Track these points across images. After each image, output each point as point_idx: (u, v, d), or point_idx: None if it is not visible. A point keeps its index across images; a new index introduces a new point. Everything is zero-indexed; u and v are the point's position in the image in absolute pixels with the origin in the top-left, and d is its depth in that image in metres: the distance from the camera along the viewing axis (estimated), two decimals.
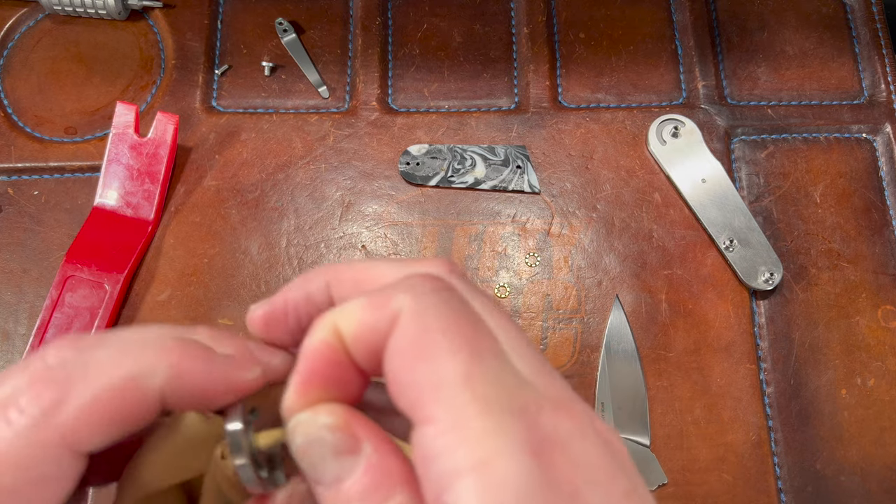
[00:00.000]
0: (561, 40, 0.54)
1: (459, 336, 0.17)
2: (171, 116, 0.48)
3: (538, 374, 0.18)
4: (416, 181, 0.50)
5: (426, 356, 0.17)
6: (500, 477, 0.15)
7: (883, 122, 0.51)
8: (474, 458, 0.16)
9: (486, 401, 0.16)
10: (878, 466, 0.44)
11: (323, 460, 0.18)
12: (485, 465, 0.15)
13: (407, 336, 0.17)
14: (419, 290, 0.18)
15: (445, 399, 0.16)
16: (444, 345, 0.17)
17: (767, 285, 0.46)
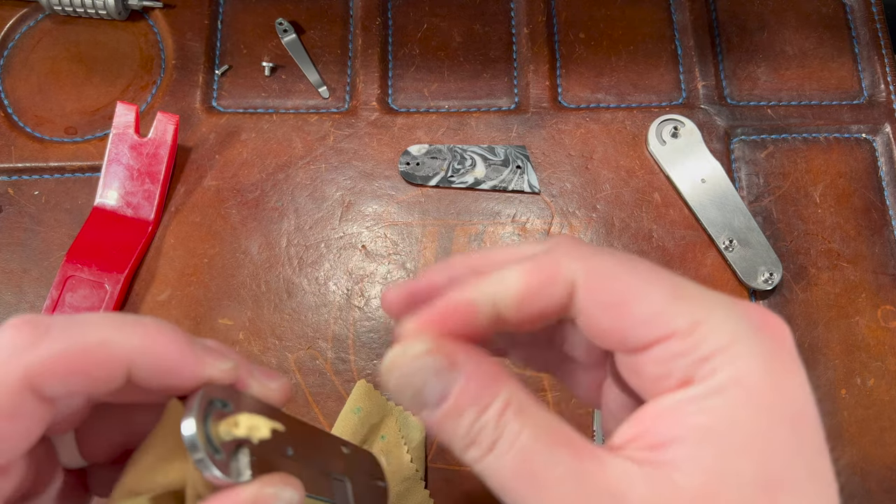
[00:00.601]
0: (561, 40, 0.54)
1: (644, 273, 0.20)
2: (171, 116, 0.49)
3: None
4: (416, 181, 0.50)
5: (633, 297, 0.19)
6: (750, 351, 0.18)
7: (882, 122, 0.51)
8: (727, 337, 0.18)
9: (708, 299, 0.19)
10: (877, 466, 0.44)
11: (426, 384, 0.19)
12: (735, 339, 0.19)
13: (605, 291, 0.20)
14: (579, 252, 0.20)
15: (675, 314, 0.19)
16: (643, 283, 0.19)
17: (767, 285, 0.46)
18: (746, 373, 0.18)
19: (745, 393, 0.18)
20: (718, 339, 0.19)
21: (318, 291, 0.48)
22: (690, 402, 0.18)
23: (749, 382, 0.18)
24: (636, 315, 0.19)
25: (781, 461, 0.18)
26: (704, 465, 0.18)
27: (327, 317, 0.47)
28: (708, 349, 0.18)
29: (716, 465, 0.18)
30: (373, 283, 0.48)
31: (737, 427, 0.18)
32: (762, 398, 0.18)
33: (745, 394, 0.18)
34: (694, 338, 0.19)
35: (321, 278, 0.48)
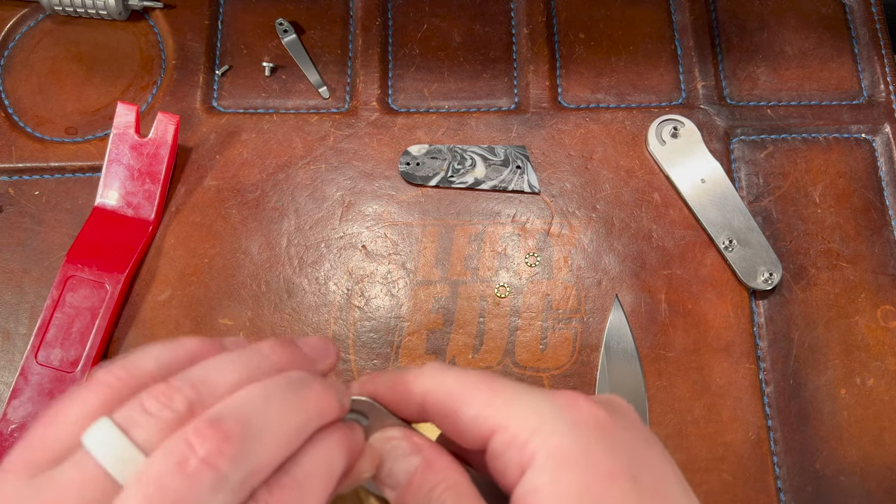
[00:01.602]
0: (561, 40, 0.54)
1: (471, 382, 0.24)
2: (171, 117, 0.49)
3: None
4: (416, 181, 0.50)
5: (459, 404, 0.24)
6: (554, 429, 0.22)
7: (882, 122, 0.51)
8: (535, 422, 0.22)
9: (516, 395, 0.23)
10: (877, 466, 0.44)
11: (396, 460, 0.24)
12: (542, 421, 0.22)
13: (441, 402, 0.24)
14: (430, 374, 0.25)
15: (493, 412, 0.23)
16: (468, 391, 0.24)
17: (767, 285, 0.46)
18: (557, 446, 0.22)
19: (561, 464, 0.22)
20: (530, 424, 0.22)
21: (318, 291, 0.48)
22: (527, 486, 0.22)
23: (561, 453, 0.22)
24: (464, 418, 0.23)
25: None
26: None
27: (327, 317, 0.47)
28: (524, 435, 0.22)
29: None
30: (373, 283, 0.48)
31: (567, 493, 0.21)
32: (578, 463, 0.22)
33: (561, 464, 0.22)
34: (511, 429, 0.23)
35: (321, 278, 0.48)
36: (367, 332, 0.46)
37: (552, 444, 0.22)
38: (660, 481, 0.23)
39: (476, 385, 0.24)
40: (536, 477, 0.22)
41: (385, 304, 0.47)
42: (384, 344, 0.46)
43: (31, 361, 0.44)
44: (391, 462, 0.24)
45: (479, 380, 0.24)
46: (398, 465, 0.24)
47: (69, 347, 0.45)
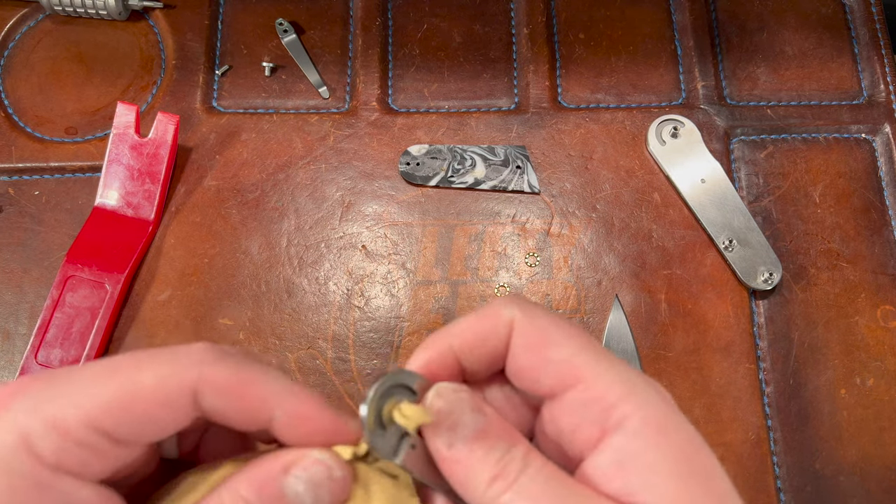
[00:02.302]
0: (561, 41, 0.54)
1: (565, 327, 0.23)
2: (171, 117, 0.49)
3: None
4: (416, 181, 0.50)
5: (550, 342, 0.22)
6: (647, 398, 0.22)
7: (882, 122, 0.52)
8: (625, 387, 0.22)
9: (607, 356, 0.23)
10: (877, 466, 0.44)
11: (463, 414, 0.22)
12: (633, 389, 0.22)
13: (531, 333, 0.23)
14: (523, 303, 0.23)
15: (582, 364, 0.22)
16: (562, 334, 0.23)
17: (767, 285, 0.46)
18: (652, 415, 0.21)
19: (659, 432, 0.21)
20: (620, 388, 0.22)
21: (318, 291, 0.48)
22: (620, 452, 0.21)
23: (658, 422, 0.21)
24: (550, 357, 0.22)
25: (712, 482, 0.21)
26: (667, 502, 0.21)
27: (327, 317, 0.47)
28: (612, 397, 0.22)
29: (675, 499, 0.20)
30: (373, 283, 0.48)
31: (670, 461, 0.21)
32: (673, 434, 0.21)
33: (660, 433, 0.21)
34: (598, 387, 0.22)
35: (321, 278, 0.48)
36: (366, 332, 0.47)
37: (648, 412, 0.21)
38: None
39: (570, 331, 0.23)
40: (630, 442, 0.21)
41: (385, 304, 0.47)
42: (384, 344, 0.46)
43: (31, 361, 0.44)
44: (457, 414, 0.22)
45: (572, 326, 0.23)
46: (465, 418, 0.22)
47: (69, 347, 0.45)
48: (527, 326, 0.23)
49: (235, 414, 0.22)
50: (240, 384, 0.22)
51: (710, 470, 0.21)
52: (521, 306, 0.23)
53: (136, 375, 0.21)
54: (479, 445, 0.22)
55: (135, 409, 0.20)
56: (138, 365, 0.21)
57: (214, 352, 0.22)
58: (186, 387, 0.21)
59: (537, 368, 0.23)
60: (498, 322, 0.23)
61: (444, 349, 0.23)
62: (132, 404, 0.20)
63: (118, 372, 0.21)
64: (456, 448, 0.22)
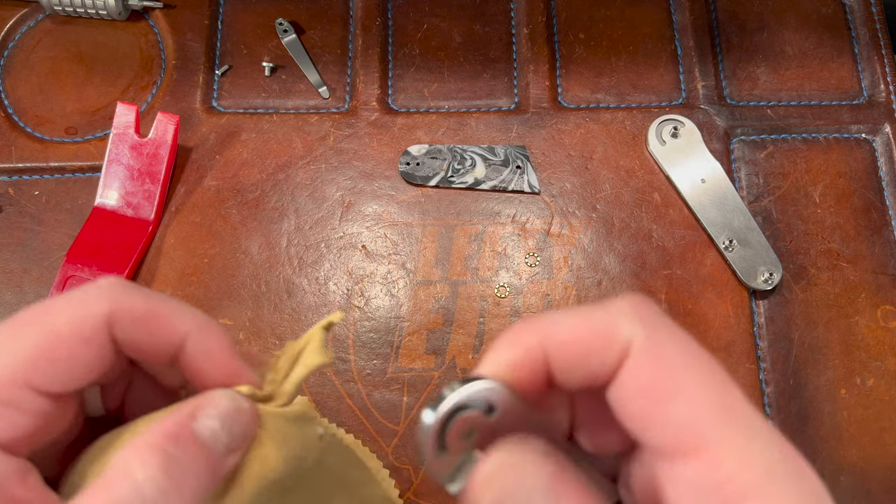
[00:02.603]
0: (561, 40, 0.54)
1: (698, 367, 0.18)
2: (171, 116, 0.49)
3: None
4: (416, 181, 0.50)
5: (676, 390, 0.17)
6: (785, 492, 0.17)
7: (882, 122, 0.51)
8: (761, 471, 0.17)
9: (746, 420, 0.17)
10: (877, 466, 0.44)
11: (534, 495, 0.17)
12: (770, 480, 0.17)
13: (653, 373, 0.17)
14: (649, 320, 0.18)
15: (711, 428, 0.17)
16: (692, 378, 0.17)
17: (767, 285, 0.46)
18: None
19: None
20: (752, 478, 0.17)
21: (318, 291, 0.48)
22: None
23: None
24: (669, 414, 0.17)
25: None
26: None
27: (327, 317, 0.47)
28: (741, 485, 0.17)
29: None
30: (373, 283, 0.48)
31: None
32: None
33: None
34: (725, 469, 0.17)
35: (321, 278, 0.48)
36: (366, 332, 0.46)
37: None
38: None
39: (702, 374, 0.17)
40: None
41: (385, 304, 0.47)
42: (384, 344, 0.46)
43: None
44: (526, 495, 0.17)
45: (708, 365, 0.18)
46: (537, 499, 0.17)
47: None
48: (649, 361, 0.18)
49: (149, 345, 0.22)
50: (152, 312, 0.22)
51: None
52: (647, 324, 0.18)
53: (51, 320, 0.21)
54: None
55: (57, 354, 0.20)
56: (49, 310, 0.21)
57: (124, 284, 0.22)
58: (100, 319, 0.21)
59: (649, 419, 0.18)
60: (612, 342, 0.18)
61: (534, 350, 0.19)
62: (53, 350, 0.20)
63: (32, 323, 0.21)
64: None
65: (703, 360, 0.18)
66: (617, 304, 0.19)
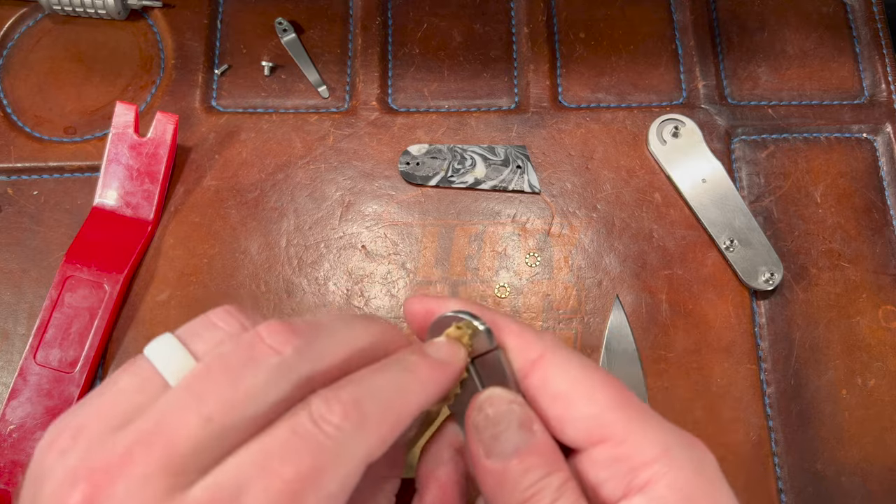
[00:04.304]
0: (561, 40, 0.54)
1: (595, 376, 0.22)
2: (170, 116, 0.48)
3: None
4: (416, 181, 0.50)
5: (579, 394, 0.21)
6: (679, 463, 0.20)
7: (883, 122, 0.51)
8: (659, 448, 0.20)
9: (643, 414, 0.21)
10: (878, 467, 0.44)
11: (508, 429, 0.21)
12: (666, 451, 0.20)
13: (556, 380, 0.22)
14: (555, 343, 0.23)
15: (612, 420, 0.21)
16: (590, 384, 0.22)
17: (768, 285, 0.46)
18: (683, 483, 0.20)
19: (682, 498, 0.20)
20: (652, 450, 0.21)
21: (317, 291, 0.47)
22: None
23: (687, 491, 0.20)
24: (577, 412, 0.21)
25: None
26: None
27: None
28: (642, 458, 0.20)
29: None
30: (372, 283, 0.48)
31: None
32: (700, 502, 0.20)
33: (683, 499, 0.20)
34: (628, 445, 0.21)
35: (321, 278, 0.48)
36: None
37: (678, 479, 0.20)
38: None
39: (604, 383, 0.22)
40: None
41: (385, 305, 0.47)
42: None
43: (30, 362, 0.44)
44: (503, 426, 0.21)
45: (606, 378, 0.22)
46: (510, 433, 0.21)
47: (68, 348, 0.44)
48: (552, 373, 0.22)
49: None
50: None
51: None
52: (555, 346, 0.23)
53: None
54: (518, 464, 0.21)
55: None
56: None
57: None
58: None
59: (562, 420, 0.22)
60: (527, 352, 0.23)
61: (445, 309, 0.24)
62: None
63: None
64: (493, 459, 0.21)
65: (596, 371, 0.22)
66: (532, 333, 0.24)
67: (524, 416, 0.22)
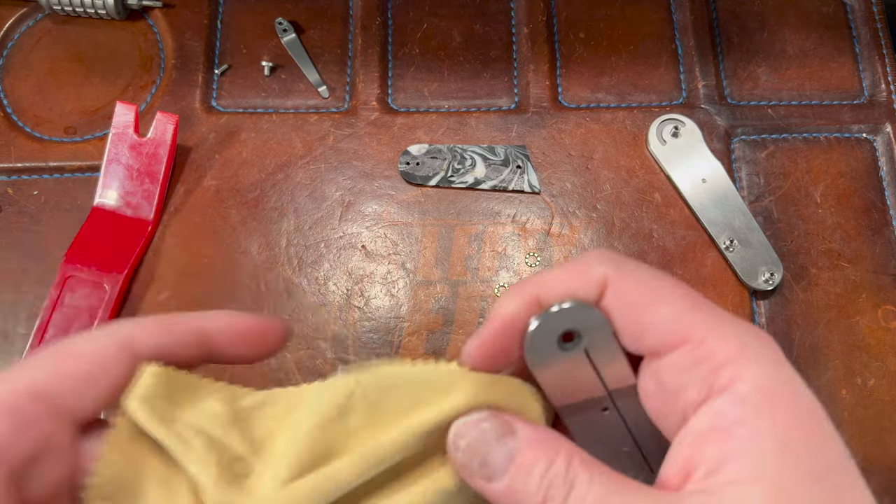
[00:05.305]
0: (561, 40, 0.54)
1: (669, 283, 0.21)
2: (170, 116, 0.48)
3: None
4: (416, 181, 0.50)
5: (654, 300, 0.21)
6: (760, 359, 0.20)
7: (883, 121, 0.51)
8: (737, 346, 0.20)
9: (717, 313, 0.21)
10: (878, 467, 0.44)
11: (490, 447, 0.21)
12: (744, 348, 0.20)
13: (632, 291, 0.21)
14: (615, 259, 0.22)
15: (690, 322, 0.20)
16: (664, 289, 0.21)
17: (767, 285, 0.46)
18: (764, 379, 0.20)
19: (769, 398, 0.19)
20: (729, 349, 0.20)
21: (317, 292, 0.47)
22: (723, 417, 0.19)
23: (770, 388, 0.19)
24: (656, 316, 0.21)
25: (821, 453, 0.19)
26: (763, 475, 0.19)
27: (327, 317, 0.47)
28: (722, 357, 0.20)
29: (773, 472, 0.19)
30: (372, 283, 0.48)
31: (775, 431, 0.19)
32: (785, 400, 0.20)
33: (769, 399, 0.19)
34: (707, 346, 0.20)
35: (321, 278, 0.48)
36: (366, 333, 0.46)
37: (760, 376, 0.19)
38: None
39: (676, 286, 0.21)
40: (735, 407, 0.19)
41: (385, 305, 0.47)
42: (384, 344, 0.46)
43: None
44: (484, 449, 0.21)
45: (677, 283, 0.21)
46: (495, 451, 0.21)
47: None
48: (625, 284, 0.21)
49: (177, 347, 0.23)
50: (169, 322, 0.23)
51: (819, 440, 0.19)
52: (616, 262, 0.22)
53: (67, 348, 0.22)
54: (517, 472, 0.20)
55: (72, 371, 0.21)
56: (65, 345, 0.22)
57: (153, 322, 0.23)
58: (120, 341, 0.22)
59: (640, 328, 0.21)
60: (589, 279, 0.21)
61: (531, 299, 0.22)
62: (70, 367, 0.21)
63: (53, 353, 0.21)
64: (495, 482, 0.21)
65: (666, 277, 0.22)
66: (586, 254, 0.22)
67: (499, 426, 0.21)
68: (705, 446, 0.20)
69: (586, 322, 0.22)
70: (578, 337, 0.22)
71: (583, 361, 0.23)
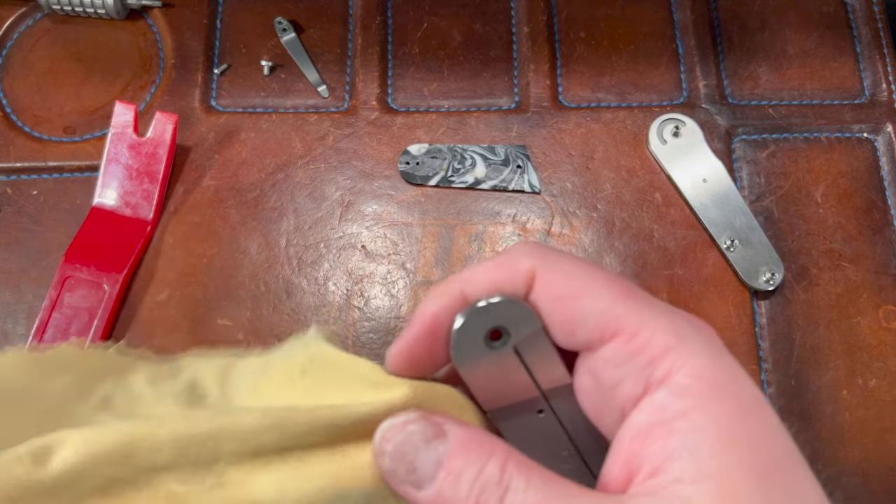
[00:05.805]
0: (561, 39, 0.54)
1: (597, 274, 0.21)
2: (170, 116, 0.48)
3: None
4: (415, 181, 0.50)
5: (585, 291, 0.20)
6: (696, 349, 0.19)
7: (884, 121, 0.51)
8: (673, 336, 0.19)
9: (650, 302, 0.20)
10: (879, 468, 0.44)
11: (418, 451, 0.20)
12: (680, 338, 0.19)
13: (559, 284, 0.20)
14: (542, 251, 0.21)
15: (622, 313, 0.20)
16: (593, 280, 0.20)
17: (768, 285, 0.46)
18: (704, 370, 0.19)
19: (710, 389, 0.19)
20: (664, 339, 0.19)
21: (317, 292, 0.47)
22: (663, 411, 0.19)
23: (710, 378, 0.19)
24: (586, 309, 0.20)
25: (767, 447, 0.19)
26: (709, 472, 0.18)
27: (327, 317, 0.47)
28: (658, 348, 0.19)
29: (718, 468, 0.18)
30: (372, 284, 0.47)
31: (718, 424, 0.18)
32: (727, 391, 0.19)
33: (710, 390, 0.19)
34: (642, 337, 0.19)
35: (321, 278, 0.48)
36: (366, 333, 0.46)
37: (699, 366, 0.19)
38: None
39: (606, 278, 0.20)
40: (678, 400, 0.19)
41: (385, 305, 0.47)
42: (384, 344, 0.46)
43: None
44: (412, 453, 0.19)
45: (608, 274, 0.21)
46: (423, 455, 0.19)
47: None
48: (552, 277, 0.20)
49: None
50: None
51: (764, 432, 0.19)
52: (543, 254, 0.21)
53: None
54: (447, 477, 0.19)
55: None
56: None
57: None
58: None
59: (571, 321, 0.20)
60: (516, 272, 0.21)
61: (457, 296, 0.21)
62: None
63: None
64: (425, 489, 0.19)
65: (596, 267, 0.21)
66: (513, 247, 0.22)
67: (427, 428, 0.20)
68: (647, 443, 0.19)
69: (514, 317, 0.21)
70: (507, 334, 0.21)
71: (513, 360, 0.21)
